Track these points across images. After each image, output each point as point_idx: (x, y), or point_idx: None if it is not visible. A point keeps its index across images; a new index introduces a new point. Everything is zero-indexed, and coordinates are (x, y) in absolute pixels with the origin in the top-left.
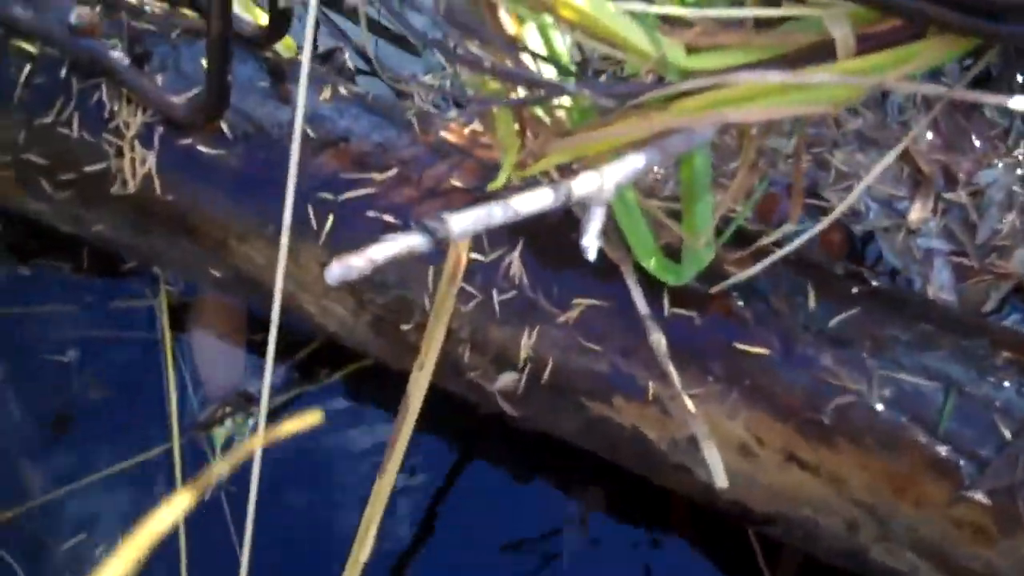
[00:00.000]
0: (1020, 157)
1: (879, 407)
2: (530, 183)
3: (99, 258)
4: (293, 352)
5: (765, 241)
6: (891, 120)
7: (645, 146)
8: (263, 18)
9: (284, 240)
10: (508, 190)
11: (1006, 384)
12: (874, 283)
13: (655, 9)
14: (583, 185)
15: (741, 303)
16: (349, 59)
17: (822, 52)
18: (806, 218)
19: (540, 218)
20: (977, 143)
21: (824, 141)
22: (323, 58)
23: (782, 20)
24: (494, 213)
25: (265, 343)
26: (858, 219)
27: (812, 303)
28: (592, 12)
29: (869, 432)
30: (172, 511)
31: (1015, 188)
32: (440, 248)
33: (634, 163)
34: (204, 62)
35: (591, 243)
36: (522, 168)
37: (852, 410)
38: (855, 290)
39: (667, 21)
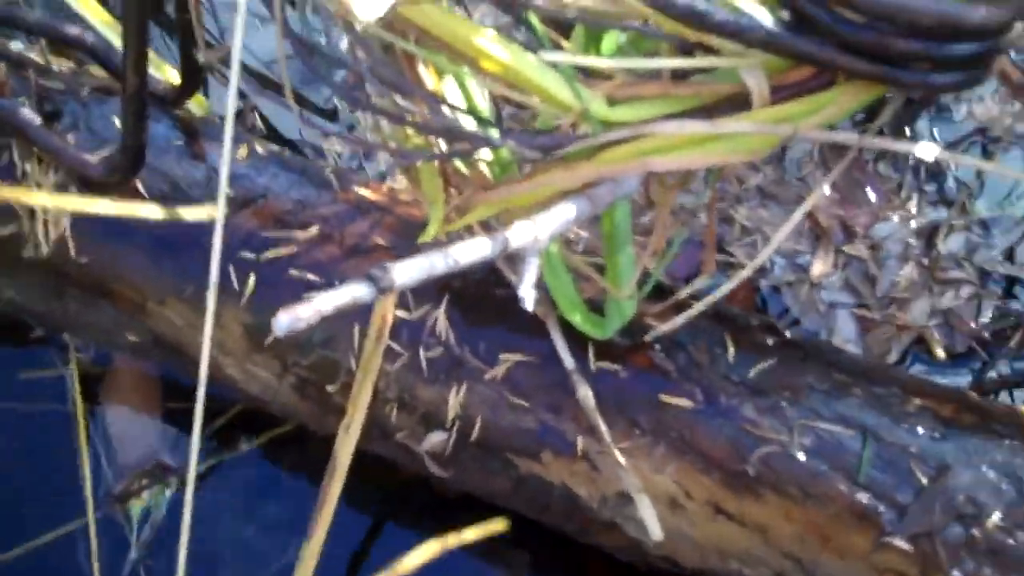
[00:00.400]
0: (913, 210)
1: (800, 456)
2: (455, 236)
3: (4, 327)
4: (211, 420)
5: (683, 294)
6: (790, 176)
7: (569, 197)
8: (172, 75)
9: (211, 305)
10: (435, 244)
11: (919, 430)
12: (787, 333)
13: (575, 60)
14: (519, 235)
15: (663, 355)
16: (258, 118)
17: (738, 102)
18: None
19: (464, 274)
20: (872, 197)
21: (727, 196)
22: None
23: (699, 71)
24: (435, 263)
25: (180, 412)
26: (763, 274)
27: (731, 354)
28: (514, 64)
29: (792, 482)
30: None
31: (910, 241)
32: (381, 297)
33: (566, 213)
34: (117, 120)
35: (528, 293)
36: (448, 222)
37: (775, 460)
38: (770, 341)
39: (587, 73)
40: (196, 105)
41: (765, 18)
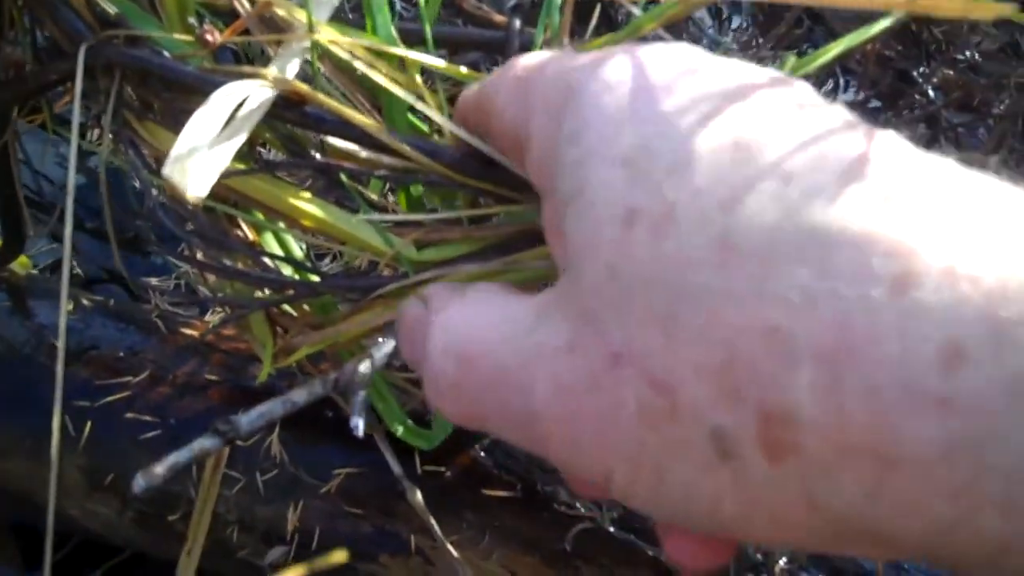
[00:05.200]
0: None
1: (611, 529)
2: (285, 373)
3: None
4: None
5: None
6: None
7: (387, 331)
8: None
9: (55, 454)
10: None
11: None
12: None
13: (385, 218)
14: (348, 373)
15: (484, 454)
16: (79, 268)
17: (529, 238)
18: None
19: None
20: None
21: None
22: (52, 269)
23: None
24: (275, 408)
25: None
26: None
27: None
28: (331, 220)
29: (604, 552)
30: None
31: None
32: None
33: (387, 347)
34: None
35: (359, 422)
36: (277, 360)
37: (589, 535)
38: None
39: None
40: (18, 265)
41: None
